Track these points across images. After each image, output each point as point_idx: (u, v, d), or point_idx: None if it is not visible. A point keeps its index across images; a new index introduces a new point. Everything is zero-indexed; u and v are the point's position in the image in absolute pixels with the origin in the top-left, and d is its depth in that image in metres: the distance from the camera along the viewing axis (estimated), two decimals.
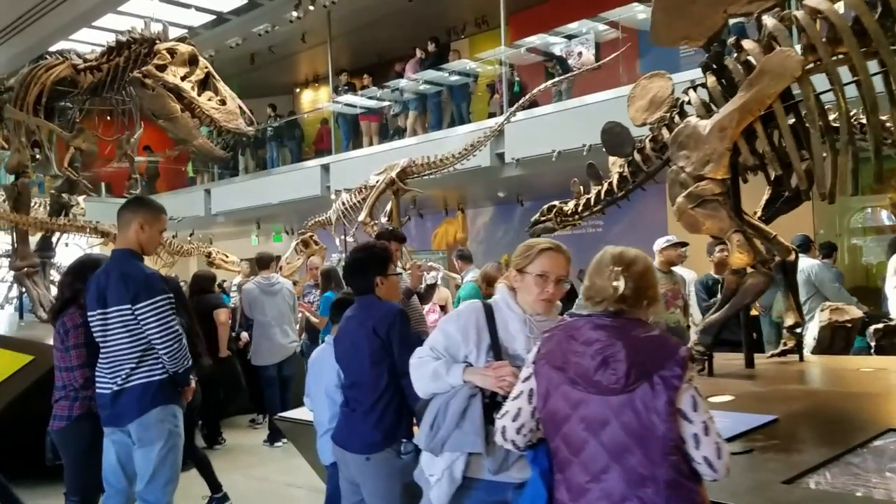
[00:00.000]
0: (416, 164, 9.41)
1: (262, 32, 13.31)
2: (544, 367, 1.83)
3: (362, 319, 2.78)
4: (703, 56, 4.15)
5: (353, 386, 2.81)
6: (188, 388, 3.33)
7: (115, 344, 3.16)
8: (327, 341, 3.25)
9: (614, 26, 11.40)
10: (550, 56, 11.15)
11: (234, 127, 6.92)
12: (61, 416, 3.53)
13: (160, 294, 3.13)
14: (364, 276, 2.85)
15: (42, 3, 4.99)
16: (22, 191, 7.88)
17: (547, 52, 11.22)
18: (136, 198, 3.42)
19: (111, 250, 3.35)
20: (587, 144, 9.06)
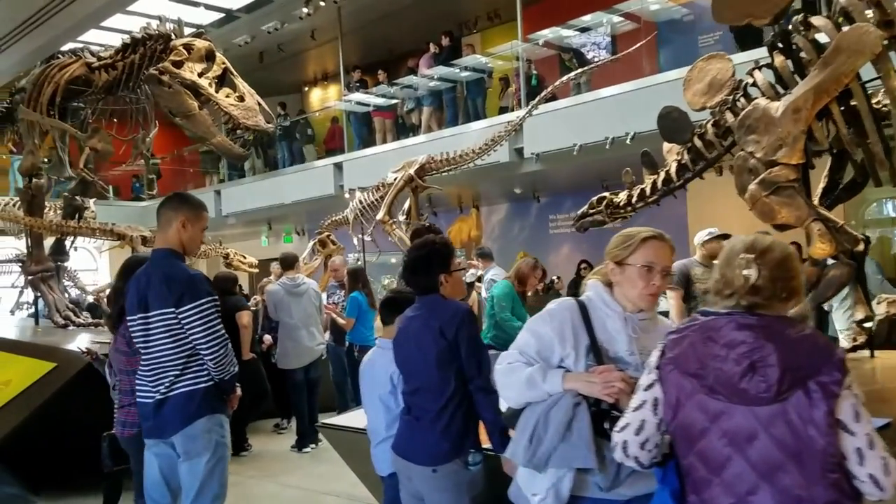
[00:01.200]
0: (434, 160, 9.20)
1: (271, 30, 13.12)
2: (673, 373, 1.62)
3: (427, 320, 2.57)
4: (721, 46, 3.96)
5: (416, 392, 2.60)
6: (233, 395, 3.12)
7: (158, 350, 2.95)
8: (380, 344, 3.04)
9: (629, 18, 11.21)
10: (568, 49, 10.93)
11: (253, 124, 6.73)
12: (132, 423, 3.34)
13: (205, 296, 2.92)
14: (427, 274, 2.65)
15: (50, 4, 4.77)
16: (36, 193, 7.70)
17: (565, 45, 11.00)
18: (176, 194, 3.20)
19: (151, 251, 3.13)
20: (609, 137, 8.83)
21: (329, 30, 13.31)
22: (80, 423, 5.26)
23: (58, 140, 7.36)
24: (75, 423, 5.20)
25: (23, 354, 5.63)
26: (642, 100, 8.87)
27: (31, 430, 4.75)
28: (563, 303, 2.03)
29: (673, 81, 8.71)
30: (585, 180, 11.44)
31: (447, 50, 11.56)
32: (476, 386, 2.49)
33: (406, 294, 3.02)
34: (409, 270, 2.69)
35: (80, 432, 5.25)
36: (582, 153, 9.14)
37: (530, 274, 5.27)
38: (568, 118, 9.33)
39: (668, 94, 8.67)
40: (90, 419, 5.35)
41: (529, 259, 5.34)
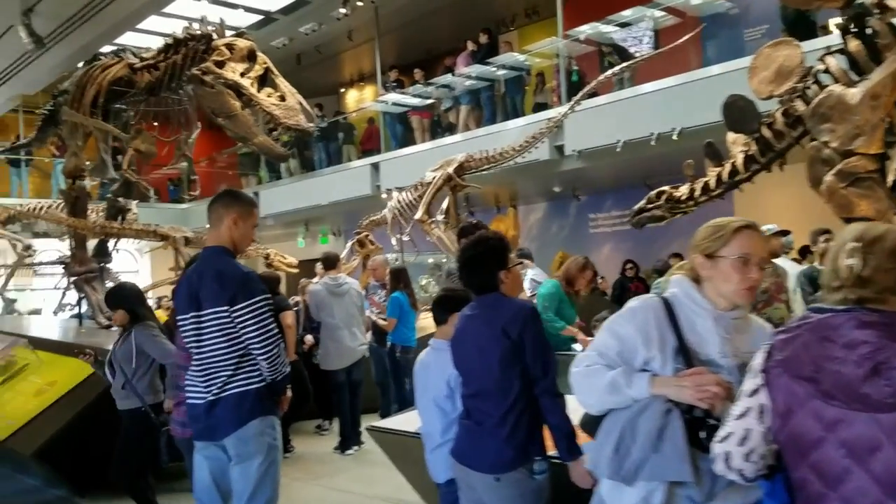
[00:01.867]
0: (474, 158, 9.08)
1: (308, 32, 13.13)
2: (781, 377, 1.47)
3: (488, 319, 2.44)
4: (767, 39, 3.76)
5: (477, 395, 2.47)
6: (284, 397, 3.04)
7: (211, 349, 2.87)
8: (433, 345, 2.91)
9: (672, 12, 10.95)
10: (609, 44, 10.72)
11: (294, 123, 6.67)
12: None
13: (259, 294, 2.84)
14: (485, 271, 2.51)
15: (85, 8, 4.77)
16: (79, 195, 7.75)
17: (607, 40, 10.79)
18: (227, 191, 3.12)
19: (202, 248, 3.05)
20: (655, 133, 8.62)
21: (366, 30, 13.28)
22: None
23: (101, 141, 7.40)
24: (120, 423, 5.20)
25: (68, 355, 5.63)
26: (688, 94, 8.66)
27: (77, 431, 4.74)
28: (646, 300, 1.89)
29: (719, 76, 8.50)
30: (627, 178, 11.23)
31: (485, 48, 11.41)
32: (542, 389, 2.36)
33: (460, 292, 2.91)
34: (466, 269, 2.57)
35: None
36: (625, 150, 8.94)
37: (579, 275, 5.11)
38: (611, 114, 9.14)
39: (715, 88, 8.47)
40: None
41: (579, 259, 5.17)
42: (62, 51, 5.11)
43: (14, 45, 4.87)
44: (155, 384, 4.33)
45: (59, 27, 4.52)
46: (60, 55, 5.20)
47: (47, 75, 5.85)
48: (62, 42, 4.73)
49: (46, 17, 4.36)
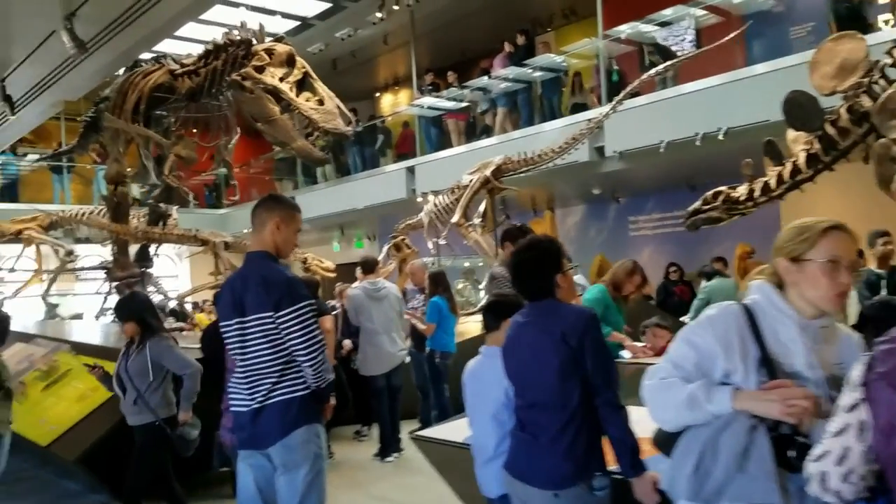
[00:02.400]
0: (511, 161, 8.98)
1: (344, 37, 13.17)
2: (885, 391, 1.33)
3: (545, 326, 2.32)
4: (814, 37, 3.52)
5: (533, 406, 2.35)
6: (328, 405, 2.97)
7: (255, 356, 2.82)
8: (485, 352, 2.80)
9: (713, 11, 10.72)
10: (651, 43, 10.53)
11: (333, 127, 6.66)
12: None
13: (303, 300, 2.79)
14: (539, 276, 2.40)
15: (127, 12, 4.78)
16: (121, 200, 7.82)
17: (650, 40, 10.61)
18: (271, 195, 3.09)
19: (245, 254, 3.01)
20: (699, 133, 8.40)
21: (401, 34, 13.27)
22: None
23: (142, 147, 7.46)
24: None
25: (111, 360, 5.65)
26: (733, 93, 8.43)
27: (119, 436, 4.72)
28: (725, 308, 1.76)
29: (764, 74, 8.26)
30: (670, 179, 11.01)
31: (522, 49, 11.29)
32: (604, 400, 2.23)
33: (511, 297, 2.80)
34: (520, 274, 2.46)
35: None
36: (669, 150, 8.73)
37: (627, 279, 4.95)
38: (653, 114, 8.94)
39: (761, 86, 8.25)
40: None
41: (627, 263, 5.01)
42: (103, 57, 5.13)
43: (55, 52, 4.90)
44: (168, 397, 4.25)
45: (100, 32, 4.54)
46: (101, 61, 5.23)
47: (88, 81, 5.90)
48: (103, 48, 4.75)
49: (88, 21, 4.37)
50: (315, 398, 2.85)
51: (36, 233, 11.01)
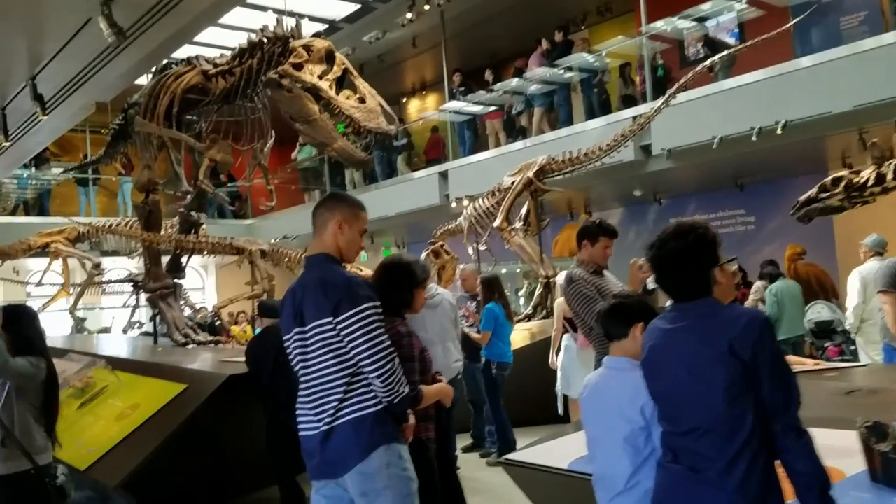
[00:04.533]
0: (556, 161, 8.60)
1: (372, 40, 12.86)
2: None
3: (705, 334, 1.90)
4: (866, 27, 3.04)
5: (691, 433, 1.91)
6: (407, 425, 2.57)
7: (318, 370, 2.45)
8: (610, 365, 2.37)
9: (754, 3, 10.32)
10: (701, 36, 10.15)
11: (375, 126, 6.32)
12: None
13: (366, 301, 2.41)
14: (693, 270, 1.98)
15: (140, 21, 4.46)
16: (153, 209, 7.52)
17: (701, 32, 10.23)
18: (333, 193, 2.79)
19: (305, 257, 2.64)
20: (756, 127, 7.95)
21: (431, 36, 12.95)
22: (215, 449, 4.90)
23: (173, 153, 7.15)
24: (209, 448, 4.83)
25: (148, 375, 5.31)
26: (792, 84, 7.98)
27: (165, 458, 4.36)
28: None
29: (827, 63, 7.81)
30: (714, 179, 10.58)
31: (560, 46, 10.91)
32: (785, 424, 1.80)
33: (636, 298, 2.39)
34: (666, 267, 2.03)
35: (215, 458, 4.89)
36: (722, 146, 8.28)
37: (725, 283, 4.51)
38: (705, 108, 8.50)
39: (823, 76, 7.80)
40: (225, 444, 5.00)
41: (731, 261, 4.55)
42: (139, 50, 4.84)
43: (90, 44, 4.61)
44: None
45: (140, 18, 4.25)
46: (136, 55, 4.95)
47: (121, 80, 5.62)
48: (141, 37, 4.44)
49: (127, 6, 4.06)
50: (391, 415, 2.47)
51: (63, 245, 10.79)
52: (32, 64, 5.15)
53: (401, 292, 2.90)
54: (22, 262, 12.31)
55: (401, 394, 2.45)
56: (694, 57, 10.94)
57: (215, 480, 4.89)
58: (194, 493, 4.77)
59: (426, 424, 2.81)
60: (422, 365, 2.85)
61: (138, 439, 4.50)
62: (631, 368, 2.21)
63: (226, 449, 4.98)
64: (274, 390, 4.66)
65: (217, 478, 4.91)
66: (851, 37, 8.87)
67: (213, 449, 4.87)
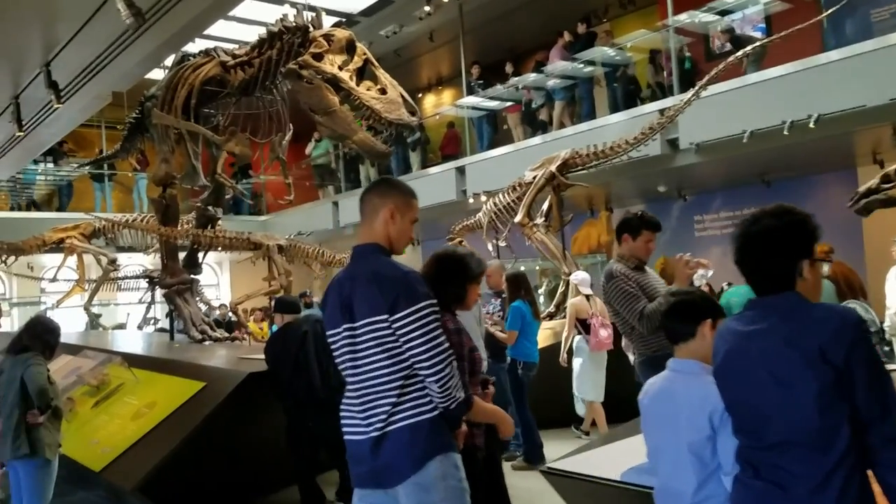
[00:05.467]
0: (580, 155, 8.36)
1: (389, 34, 12.70)
2: None
3: (791, 336, 1.68)
4: None
5: (777, 447, 1.70)
6: (460, 431, 2.38)
7: (369, 370, 2.26)
8: (674, 368, 2.16)
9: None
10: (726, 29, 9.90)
11: (396, 118, 6.15)
12: None
13: (424, 299, 2.23)
14: (780, 256, 1.76)
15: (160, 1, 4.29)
16: (170, 203, 7.37)
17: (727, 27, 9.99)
18: (385, 179, 2.59)
19: (353, 247, 2.45)
20: (788, 121, 7.70)
21: (448, 30, 12.75)
22: (234, 449, 4.75)
23: (191, 146, 7.00)
24: (228, 448, 4.68)
25: (166, 373, 5.16)
26: (823, 78, 7.72)
27: (184, 459, 4.20)
28: None
29: (861, 55, 7.55)
30: (742, 175, 10.32)
31: (584, 37, 10.68)
32: (883, 436, 1.60)
33: (700, 293, 2.19)
34: (750, 251, 1.80)
35: (233, 459, 4.74)
36: (753, 140, 8.03)
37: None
38: (734, 102, 8.26)
39: (857, 69, 7.54)
40: (244, 444, 4.84)
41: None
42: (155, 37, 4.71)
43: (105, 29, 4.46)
44: None
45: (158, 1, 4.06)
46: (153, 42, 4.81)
47: (139, 68, 5.48)
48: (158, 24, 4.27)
49: None
50: (446, 421, 2.28)
51: (78, 241, 10.69)
52: (47, 49, 4.99)
53: (453, 287, 2.69)
54: (37, 258, 12.25)
55: (457, 399, 2.26)
56: (719, 50, 10.70)
57: (233, 481, 4.73)
58: (212, 494, 4.61)
59: (475, 430, 2.62)
60: (471, 365, 2.67)
61: (155, 439, 4.35)
62: (699, 372, 2.01)
63: (244, 449, 4.83)
64: (294, 389, 4.51)
65: (235, 478, 4.75)
66: (882, 30, 8.60)
67: (232, 449, 4.72)
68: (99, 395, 5.23)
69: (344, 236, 14.96)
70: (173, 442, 4.21)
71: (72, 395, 5.21)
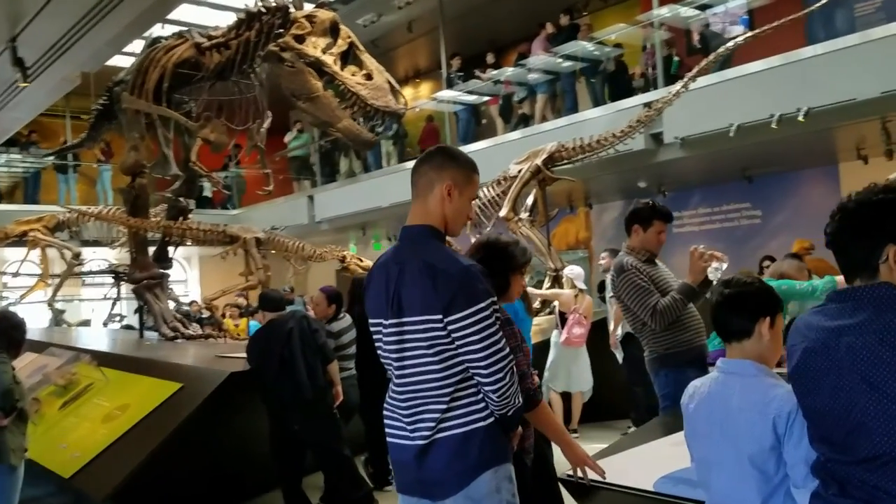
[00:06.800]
0: (566, 148, 8.19)
1: (366, 23, 12.37)
2: None
3: (885, 332, 1.46)
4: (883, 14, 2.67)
5: (869, 462, 1.48)
6: (514, 433, 2.13)
7: (418, 373, 2.02)
8: (726, 369, 1.91)
9: None
10: None
11: (383, 105, 5.91)
12: None
13: (484, 298, 1.97)
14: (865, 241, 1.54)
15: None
16: (140, 193, 7.02)
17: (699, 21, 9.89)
18: (441, 148, 2.24)
19: (401, 228, 2.17)
20: (776, 115, 7.60)
21: (427, 20, 12.47)
22: (214, 454, 4.46)
23: (162, 133, 6.65)
24: (208, 453, 4.39)
25: (139, 373, 4.85)
26: (811, 71, 7.63)
27: (158, 464, 3.90)
28: None
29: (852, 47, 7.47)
30: (724, 170, 10.23)
31: (567, 29, 10.51)
32: None
33: (758, 283, 1.97)
34: (847, 233, 1.58)
35: (213, 464, 4.45)
36: (739, 135, 7.92)
37: (799, 277, 4.21)
38: (720, 96, 8.13)
39: (846, 61, 7.46)
40: (225, 448, 4.55)
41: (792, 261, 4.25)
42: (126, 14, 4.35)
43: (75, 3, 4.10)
44: None
45: None
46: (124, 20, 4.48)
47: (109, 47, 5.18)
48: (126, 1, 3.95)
49: None
50: (501, 427, 2.04)
51: (41, 234, 10.22)
52: (12, 23, 4.64)
53: (497, 277, 2.41)
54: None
55: (515, 406, 2.03)
56: (700, 45, 10.62)
57: (213, 488, 4.44)
58: (189, 502, 4.33)
59: (526, 431, 2.37)
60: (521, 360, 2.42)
61: (129, 444, 4.05)
62: (757, 374, 1.79)
63: (225, 454, 4.54)
64: (279, 390, 4.25)
65: (214, 485, 4.46)
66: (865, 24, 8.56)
67: (212, 454, 4.43)
68: (66, 396, 4.90)
69: (319, 232, 14.63)
70: (149, 447, 3.91)
71: (38, 396, 4.86)
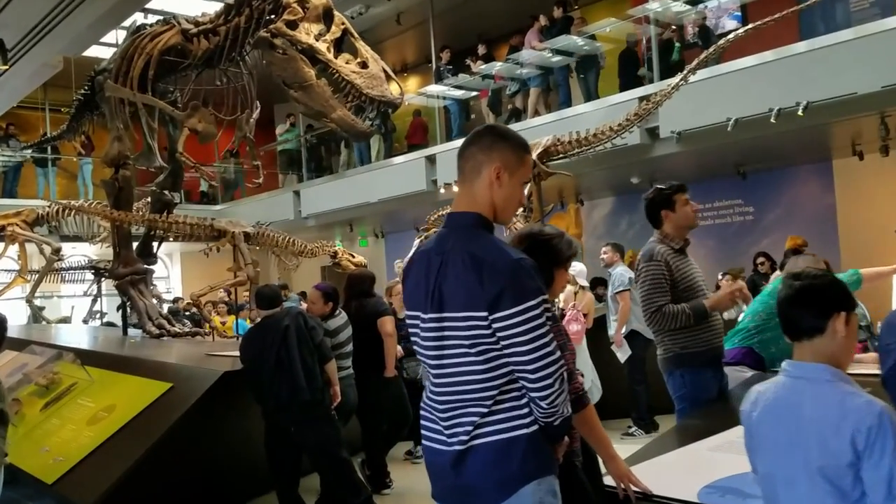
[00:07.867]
0: (561, 142, 8.05)
1: (355, 15, 12.13)
2: None
3: None
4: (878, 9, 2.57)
5: None
6: (560, 444, 1.95)
7: (458, 373, 1.84)
8: (793, 372, 1.73)
9: None
10: None
11: (379, 94, 5.72)
12: None
13: (534, 295, 1.80)
14: None
15: None
16: (123, 185, 6.78)
17: None
18: (489, 128, 2.01)
19: (446, 214, 1.97)
20: (775, 109, 7.51)
21: (417, 12, 12.31)
22: (206, 457, 4.25)
23: (147, 122, 6.41)
24: (200, 457, 4.18)
25: (126, 372, 4.62)
26: (815, 63, 7.54)
27: (147, 468, 3.69)
28: None
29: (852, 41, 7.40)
30: (718, 166, 10.16)
31: (561, 21, 10.36)
32: None
33: (830, 277, 1.81)
34: None
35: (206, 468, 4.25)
36: (738, 129, 7.83)
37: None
38: (717, 90, 8.03)
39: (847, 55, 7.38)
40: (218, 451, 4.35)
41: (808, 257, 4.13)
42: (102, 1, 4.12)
43: None
44: None
45: None
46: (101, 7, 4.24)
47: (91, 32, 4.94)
48: None
49: None
50: (546, 436, 1.86)
51: (20, 229, 9.90)
52: None
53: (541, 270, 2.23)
54: None
55: (563, 416, 1.85)
56: (693, 39, 10.52)
57: (205, 493, 4.24)
58: None
59: (573, 432, 2.19)
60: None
61: (116, 448, 3.84)
62: (832, 379, 1.63)
63: (217, 457, 4.34)
64: (275, 390, 4.05)
65: (207, 490, 4.26)
66: (860, 19, 8.51)
67: (204, 458, 4.22)
68: (49, 396, 4.67)
69: (306, 227, 14.40)
70: (137, 451, 3.71)
71: (18, 396, 4.62)
